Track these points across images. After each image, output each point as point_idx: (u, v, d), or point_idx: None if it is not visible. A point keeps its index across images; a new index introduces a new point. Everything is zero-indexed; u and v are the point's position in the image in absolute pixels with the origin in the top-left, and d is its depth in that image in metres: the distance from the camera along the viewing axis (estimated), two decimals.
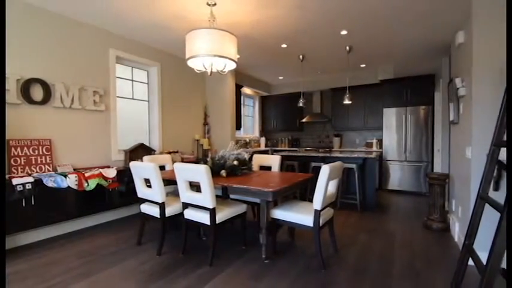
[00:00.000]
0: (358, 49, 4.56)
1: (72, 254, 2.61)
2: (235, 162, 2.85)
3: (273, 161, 3.58)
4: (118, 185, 3.44)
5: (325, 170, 2.24)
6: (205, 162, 2.81)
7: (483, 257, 1.35)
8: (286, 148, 7.53)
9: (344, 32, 3.80)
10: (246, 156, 3.05)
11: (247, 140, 7.14)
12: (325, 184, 2.25)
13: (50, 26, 3.18)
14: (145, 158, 3.41)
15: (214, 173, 2.77)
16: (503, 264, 1.99)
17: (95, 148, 3.64)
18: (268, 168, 3.63)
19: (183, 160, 4.56)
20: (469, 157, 2.55)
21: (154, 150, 4.35)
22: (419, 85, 5.35)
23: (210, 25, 2.76)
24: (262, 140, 7.66)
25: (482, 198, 1.31)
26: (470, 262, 1.63)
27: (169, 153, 4.41)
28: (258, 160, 3.69)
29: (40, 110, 3.09)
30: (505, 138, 1.29)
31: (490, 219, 1.95)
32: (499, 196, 2.17)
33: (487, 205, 1.39)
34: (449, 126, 4.11)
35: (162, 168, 3.60)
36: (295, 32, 3.80)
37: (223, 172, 2.79)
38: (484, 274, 1.04)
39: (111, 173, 3.35)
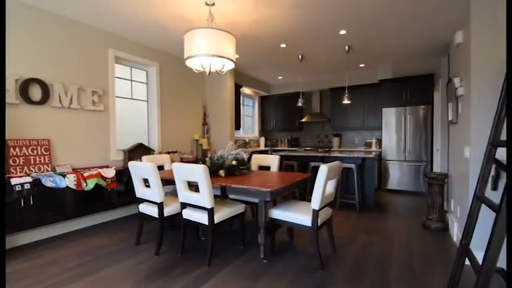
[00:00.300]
0: (357, 49, 4.56)
1: (70, 254, 2.61)
2: (234, 162, 2.85)
3: (272, 161, 3.58)
4: (117, 185, 3.44)
5: (323, 169, 2.24)
6: (204, 162, 2.81)
7: (480, 256, 1.35)
8: (286, 148, 7.54)
9: (343, 32, 3.80)
10: (245, 156, 3.05)
11: (247, 140, 7.14)
12: (323, 184, 2.25)
13: (49, 26, 3.18)
14: (144, 157, 3.41)
15: (213, 172, 2.77)
16: (502, 265, 1.99)
17: (93, 148, 3.64)
18: (267, 168, 3.63)
19: (182, 160, 4.56)
20: (467, 157, 2.55)
21: (154, 150, 4.35)
22: (418, 85, 5.36)
23: (209, 25, 2.76)
24: (262, 139, 7.67)
25: (479, 198, 1.31)
26: (467, 262, 1.63)
27: (169, 153, 4.40)
28: (257, 160, 3.68)
29: (39, 110, 3.09)
30: (501, 138, 1.29)
31: (488, 218, 1.95)
32: (498, 196, 2.16)
33: (484, 205, 1.39)
34: (448, 126, 4.11)
35: (161, 168, 3.61)
36: (294, 31, 3.80)
37: (221, 172, 2.79)
38: (480, 274, 1.04)
39: (110, 173, 3.35)
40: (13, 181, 2.60)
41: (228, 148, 3.08)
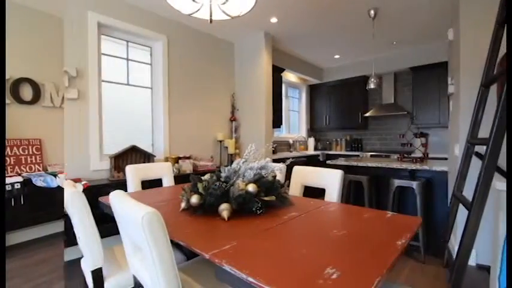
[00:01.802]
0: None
1: (61, 254, 2.60)
2: (251, 188, 1.39)
3: (329, 178, 1.91)
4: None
5: None
6: (195, 185, 1.47)
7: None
8: (343, 152, 5.65)
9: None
10: (278, 172, 1.83)
11: (291, 142, 5.65)
12: None
13: (41, 25, 3.16)
14: (127, 168, 2.25)
15: (209, 209, 1.38)
16: (489, 262, 1.98)
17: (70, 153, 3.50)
18: (321, 191, 1.97)
19: (196, 169, 3.50)
20: (457, 155, 2.54)
21: (154, 156, 3.28)
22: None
23: None
24: (311, 141, 5.97)
25: (455, 196, 1.31)
26: None
27: (178, 159, 3.43)
28: (300, 176, 2.08)
29: (30, 110, 3.08)
30: (480, 135, 1.30)
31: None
32: None
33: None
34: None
35: (159, 182, 2.44)
36: None
37: (224, 210, 1.32)
38: (452, 271, 1.05)
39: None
40: None
41: (249, 154, 1.63)
